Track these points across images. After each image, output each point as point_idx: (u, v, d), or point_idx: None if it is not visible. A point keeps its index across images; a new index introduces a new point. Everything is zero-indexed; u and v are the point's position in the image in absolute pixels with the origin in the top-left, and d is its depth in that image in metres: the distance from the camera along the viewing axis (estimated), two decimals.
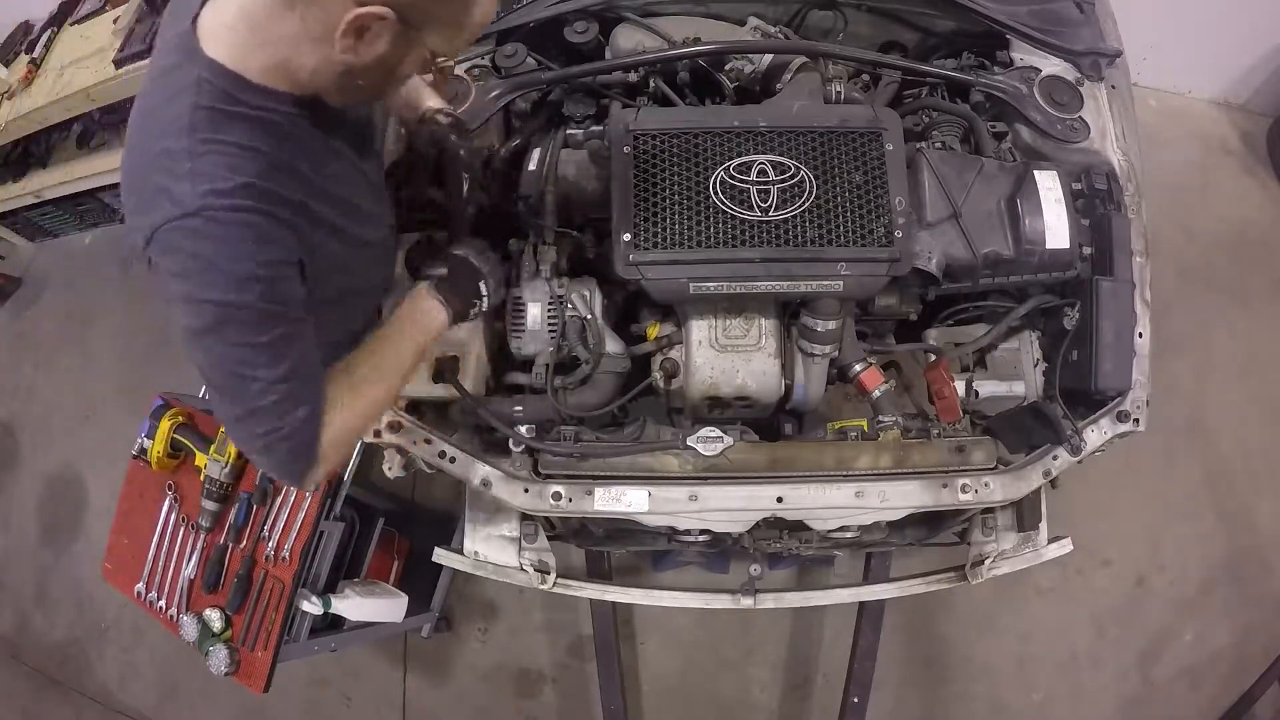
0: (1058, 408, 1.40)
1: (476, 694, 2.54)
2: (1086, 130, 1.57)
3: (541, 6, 1.62)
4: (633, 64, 1.57)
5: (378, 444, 1.49)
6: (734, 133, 1.37)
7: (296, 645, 1.79)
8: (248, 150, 0.95)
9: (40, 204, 3.33)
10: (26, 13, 3.27)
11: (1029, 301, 1.54)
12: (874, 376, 1.51)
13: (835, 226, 1.33)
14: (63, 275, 3.53)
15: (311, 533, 1.75)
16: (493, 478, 1.44)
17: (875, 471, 1.43)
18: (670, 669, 2.49)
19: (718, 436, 1.41)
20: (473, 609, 2.58)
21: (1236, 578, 2.49)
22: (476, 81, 1.60)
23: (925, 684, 2.43)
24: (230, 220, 0.93)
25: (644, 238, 1.33)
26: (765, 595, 1.73)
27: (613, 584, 1.99)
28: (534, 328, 1.50)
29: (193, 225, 0.92)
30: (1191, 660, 2.42)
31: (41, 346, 3.39)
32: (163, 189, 0.93)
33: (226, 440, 1.76)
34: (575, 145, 1.58)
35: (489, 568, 1.64)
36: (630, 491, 1.41)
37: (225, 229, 0.93)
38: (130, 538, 1.93)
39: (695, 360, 1.46)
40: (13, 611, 2.94)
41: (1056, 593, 2.48)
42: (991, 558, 1.64)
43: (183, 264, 0.94)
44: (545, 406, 1.46)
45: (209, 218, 0.92)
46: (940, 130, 1.59)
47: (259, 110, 0.97)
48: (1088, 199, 1.51)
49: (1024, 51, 1.65)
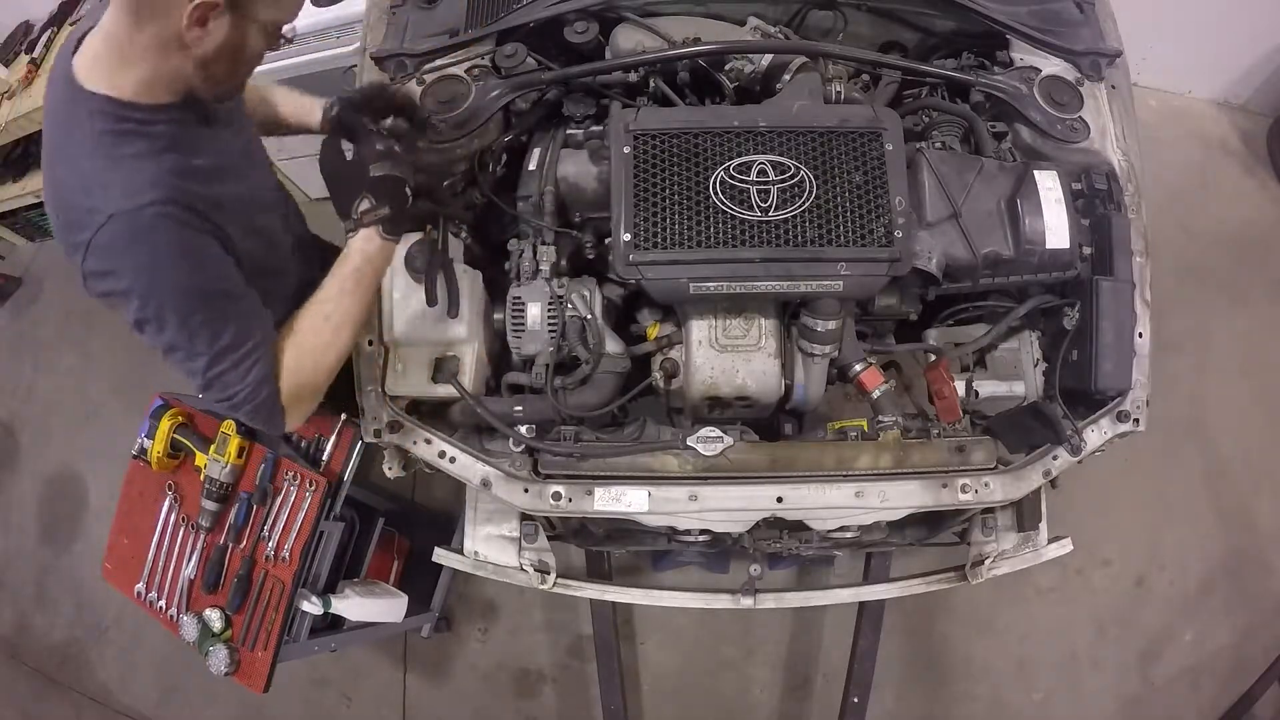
0: (1058, 408, 1.41)
1: (476, 694, 2.54)
2: (1086, 130, 1.57)
3: (541, 6, 1.61)
4: (633, 64, 1.57)
5: (378, 444, 1.49)
6: (734, 133, 1.37)
7: (296, 645, 1.79)
8: (148, 158, 1.08)
9: (40, 204, 3.32)
10: (26, 13, 3.27)
11: (1029, 301, 1.54)
12: (874, 376, 1.51)
13: (835, 226, 1.33)
14: (63, 275, 3.53)
15: (311, 533, 1.75)
16: (493, 478, 1.44)
17: (875, 471, 1.43)
18: (670, 669, 2.49)
19: (718, 436, 1.41)
20: (473, 609, 2.58)
21: (1236, 578, 2.49)
22: (476, 82, 1.60)
23: (925, 684, 2.43)
24: (150, 219, 1.06)
25: (644, 238, 1.33)
26: (765, 595, 1.73)
27: (613, 584, 1.99)
28: (534, 328, 1.50)
29: (118, 229, 1.05)
30: (1191, 660, 2.42)
31: (41, 346, 3.39)
32: (87, 209, 1.06)
33: (227, 440, 1.76)
34: (575, 145, 1.59)
35: (489, 568, 1.64)
36: (630, 491, 1.41)
37: (149, 226, 1.06)
38: (130, 538, 1.93)
39: (695, 360, 1.46)
40: (13, 611, 2.94)
41: (1056, 593, 2.48)
42: (991, 558, 1.65)
43: (116, 263, 1.06)
44: (545, 406, 1.46)
45: (132, 220, 1.05)
46: (940, 130, 1.59)
47: (146, 124, 1.10)
48: (1088, 199, 1.51)
49: (1024, 51, 1.65)
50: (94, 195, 1.06)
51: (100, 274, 1.08)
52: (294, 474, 1.78)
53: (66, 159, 1.10)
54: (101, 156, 1.07)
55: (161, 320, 1.09)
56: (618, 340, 1.53)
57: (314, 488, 1.76)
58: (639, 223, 1.34)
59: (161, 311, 1.08)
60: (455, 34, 1.66)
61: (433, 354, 1.49)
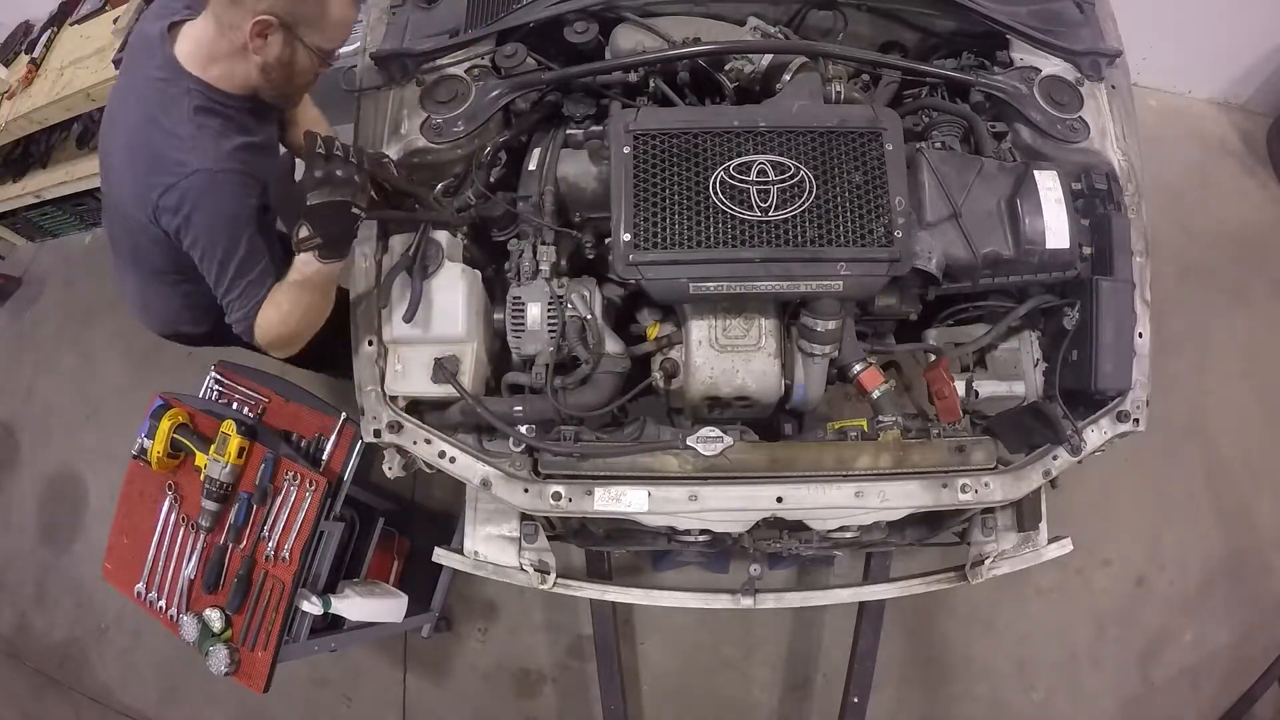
0: (1058, 408, 1.41)
1: (476, 694, 2.54)
2: (1086, 130, 1.57)
3: (541, 6, 1.61)
4: (633, 64, 1.57)
5: (378, 444, 1.49)
6: (734, 133, 1.37)
7: (296, 645, 1.79)
8: (226, 135, 1.44)
9: (40, 204, 3.33)
10: (26, 13, 3.27)
11: (1029, 301, 1.54)
12: (874, 376, 1.52)
13: (835, 226, 1.33)
14: (63, 275, 3.53)
15: (311, 533, 1.75)
16: (493, 478, 1.44)
17: (875, 471, 1.43)
18: (670, 669, 2.49)
19: (718, 436, 1.41)
20: (473, 609, 2.58)
21: (1236, 578, 2.49)
22: (476, 82, 1.60)
23: (925, 684, 2.43)
24: (223, 179, 1.41)
25: (644, 238, 1.33)
26: (765, 595, 1.73)
27: (613, 584, 1.99)
28: (534, 328, 1.50)
29: (199, 180, 1.39)
30: (1191, 660, 2.42)
31: (41, 346, 3.39)
32: (176, 160, 1.40)
33: (227, 440, 1.77)
34: (575, 145, 1.59)
35: (489, 568, 1.64)
36: (630, 491, 1.41)
37: (221, 184, 1.41)
38: (130, 538, 1.93)
39: (695, 360, 1.46)
40: (13, 611, 2.94)
41: (1056, 593, 2.48)
42: (991, 558, 1.65)
43: (191, 205, 1.40)
44: (545, 406, 1.46)
45: (210, 178, 1.40)
46: (940, 130, 1.59)
47: (224, 106, 1.46)
48: (1088, 199, 1.51)
49: (1024, 51, 1.65)
50: (185, 151, 1.39)
51: (174, 209, 1.41)
52: (294, 474, 1.78)
53: (164, 116, 1.42)
54: (195, 124, 1.41)
55: (212, 253, 1.44)
56: (618, 340, 1.53)
57: (314, 488, 1.76)
58: (639, 223, 1.34)
59: (212, 246, 1.43)
60: (455, 34, 1.66)
61: (432, 354, 1.49)
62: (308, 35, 1.38)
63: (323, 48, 1.42)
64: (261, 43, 1.37)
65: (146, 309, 1.84)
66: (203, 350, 1.99)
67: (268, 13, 1.33)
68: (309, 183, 1.26)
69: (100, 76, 2.72)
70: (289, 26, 1.36)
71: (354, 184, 1.28)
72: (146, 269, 1.69)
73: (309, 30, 1.38)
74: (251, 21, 1.33)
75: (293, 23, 1.36)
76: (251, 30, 1.34)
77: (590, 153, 1.55)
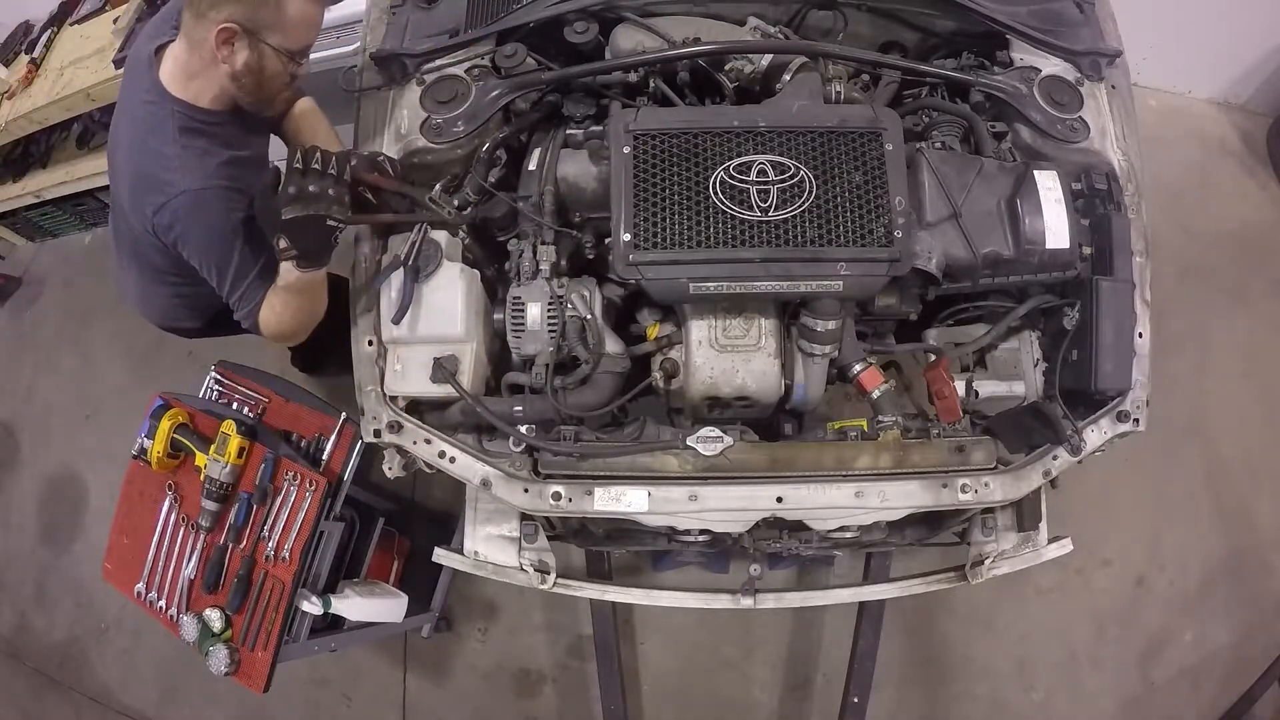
0: (1058, 408, 1.41)
1: (476, 694, 2.54)
2: (1086, 130, 1.57)
3: (541, 6, 1.61)
4: (633, 64, 1.57)
5: (378, 444, 1.49)
6: (734, 133, 1.37)
7: (296, 645, 1.79)
8: (211, 153, 1.50)
9: (40, 204, 3.33)
10: (26, 13, 3.27)
11: (1029, 301, 1.54)
12: (874, 376, 1.51)
13: (835, 226, 1.33)
14: (63, 275, 3.53)
15: (311, 533, 1.75)
16: (493, 478, 1.44)
17: (875, 471, 1.43)
18: (670, 669, 2.49)
19: (718, 436, 1.41)
20: (473, 609, 2.58)
21: (1236, 578, 2.49)
22: (476, 82, 1.60)
23: (925, 684, 2.43)
24: (209, 197, 1.46)
25: (644, 238, 1.33)
26: (765, 595, 1.73)
27: (613, 584, 1.99)
28: (534, 328, 1.50)
29: (187, 200, 1.45)
30: (1191, 660, 2.42)
31: (41, 346, 3.39)
32: (165, 180, 1.46)
33: (227, 440, 1.77)
34: (575, 145, 1.58)
35: (489, 568, 1.64)
36: (630, 491, 1.41)
37: (208, 201, 1.46)
38: (130, 538, 1.93)
39: (695, 360, 1.46)
40: (13, 611, 2.94)
41: (1056, 593, 2.48)
42: (991, 558, 1.65)
43: (182, 223, 1.47)
44: (545, 406, 1.46)
45: (197, 196, 1.46)
46: (940, 130, 1.59)
47: (207, 124, 1.51)
48: (1088, 199, 1.51)
49: (1024, 51, 1.65)
50: (172, 172, 1.46)
51: (168, 227, 1.48)
52: (294, 474, 1.78)
53: (152, 138, 1.48)
54: (179, 145, 1.46)
55: (209, 263, 1.52)
56: (618, 340, 1.53)
57: (314, 488, 1.76)
58: (639, 223, 1.34)
59: (208, 257, 1.51)
60: (455, 34, 1.66)
61: (432, 354, 1.49)
62: (270, 37, 1.42)
63: (288, 48, 1.45)
64: (229, 51, 1.41)
65: (146, 302, 1.88)
66: (203, 350, 2.01)
67: (227, 21, 1.38)
68: (283, 198, 1.29)
69: (100, 76, 2.72)
70: (251, 32, 1.40)
71: (328, 198, 1.30)
72: (147, 266, 1.72)
73: (270, 32, 1.42)
74: (215, 31, 1.38)
75: (254, 28, 1.40)
76: (216, 40, 1.39)
77: (590, 153, 1.55)
